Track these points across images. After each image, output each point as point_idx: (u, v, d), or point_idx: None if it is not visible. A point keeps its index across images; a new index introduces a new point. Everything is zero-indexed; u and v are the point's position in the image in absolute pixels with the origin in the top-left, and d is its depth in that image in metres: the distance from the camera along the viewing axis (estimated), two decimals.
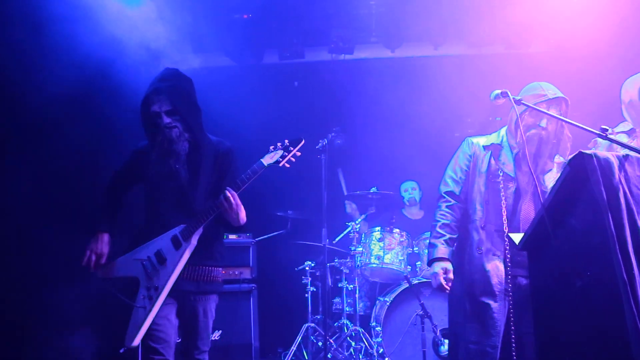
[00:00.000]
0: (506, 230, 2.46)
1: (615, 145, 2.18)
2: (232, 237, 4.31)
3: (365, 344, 4.22)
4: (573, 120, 2.19)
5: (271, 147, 2.55)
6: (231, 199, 2.34)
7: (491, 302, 2.43)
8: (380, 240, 4.36)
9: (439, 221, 2.63)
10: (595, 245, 1.78)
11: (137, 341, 2.32)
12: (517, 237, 2.20)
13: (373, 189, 4.68)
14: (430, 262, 2.60)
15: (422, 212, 5.20)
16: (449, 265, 2.54)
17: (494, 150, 2.64)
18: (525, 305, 2.38)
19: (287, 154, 2.50)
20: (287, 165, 2.49)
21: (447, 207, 2.63)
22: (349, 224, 4.61)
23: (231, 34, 5.27)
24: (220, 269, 2.61)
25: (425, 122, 5.06)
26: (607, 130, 1.97)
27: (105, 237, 2.60)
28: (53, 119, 4.10)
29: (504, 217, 2.48)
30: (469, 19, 4.99)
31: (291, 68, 5.65)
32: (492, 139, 2.71)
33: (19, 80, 3.89)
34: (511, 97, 2.31)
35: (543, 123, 2.51)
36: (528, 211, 2.53)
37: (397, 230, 4.44)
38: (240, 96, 5.31)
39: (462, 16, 4.92)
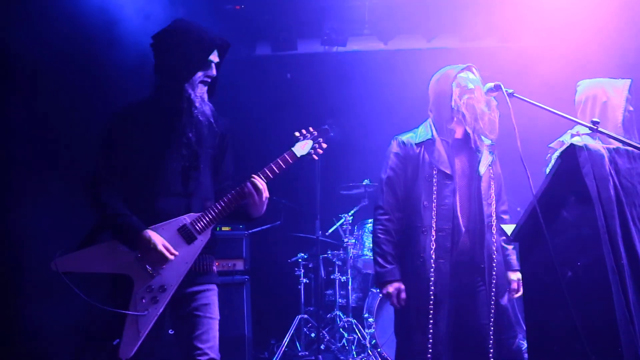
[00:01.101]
0: (432, 232, 2.45)
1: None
2: (225, 228, 4.30)
3: (358, 335, 4.26)
4: (564, 113, 2.20)
5: (297, 135, 2.41)
6: (262, 189, 2.14)
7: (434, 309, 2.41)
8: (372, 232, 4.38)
9: (380, 237, 2.54)
10: (585, 236, 1.81)
11: (134, 351, 1.98)
12: (509, 229, 2.23)
13: (366, 181, 4.70)
14: (381, 284, 2.54)
15: None
16: (401, 285, 2.50)
17: (427, 146, 2.56)
18: (472, 308, 2.44)
19: (316, 145, 2.42)
20: (316, 158, 2.41)
21: (386, 220, 2.55)
22: (342, 215, 4.63)
23: (223, 25, 5.23)
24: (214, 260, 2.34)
25: (418, 114, 5.06)
26: (598, 123, 1.99)
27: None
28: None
29: (433, 216, 2.45)
30: (461, 12, 4.99)
31: (284, 60, 5.64)
32: (422, 134, 2.62)
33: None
34: (504, 90, 2.31)
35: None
36: (469, 207, 2.50)
37: None
38: (232, 87, 5.29)
39: (455, 9, 4.93)
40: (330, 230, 4.73)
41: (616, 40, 4.57)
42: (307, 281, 4.66)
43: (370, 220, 4.49)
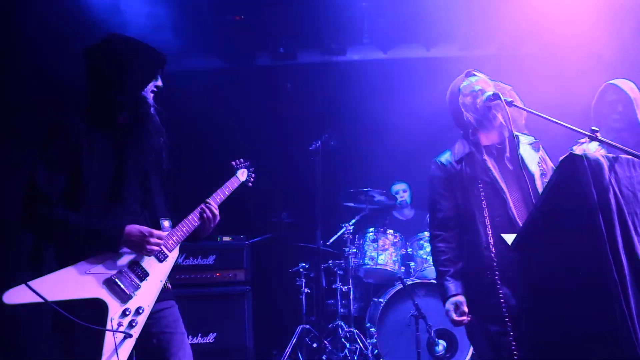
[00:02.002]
0: (491, 247, 2.33)
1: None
2: (226, 239, 4.29)
3: (360, 345, 4.23)
4: (562, 121, 2.20)
5: (234, 164, 2.64)
6: (215, 211, 2.25)
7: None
8: (374, 241, 4.37)
9: (438, 259, 2.47)
10: (586, 246, 1.80)
11: None
12: (510, 238, 2.22)
13: (366, 190, 4.69)
14: (444, 302, 2.45)
15: (412, 212, 5.22)
16: (460, 298, 2.39)
17: (467, 161, 2.49)
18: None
19: (249, 173, 2.67)
20: (250, 185, 2.66)
21: (440, 241, 2.49)
22: (343, 225, 4.62)
23: (223, 35, 5.27)
24: None
25: (418, 123, 5.08)
26: (597, 131, 1.99)
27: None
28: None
29: (488, 230, 2.34)
30: (460, 20, 5.02)
31: (284, 70, 5.66)
32: (459, 150, 2.56)
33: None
34: (502, 98, 2.32)
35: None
36: (528, 211, 2.35)
37: (391, 231, 4.46)
38: (233, 98, 5.31)
39: (454, 18, 4.94)
40: (331, 240, 4.72)
41: (615, 47, 4.58)
42: (309, 291, 4.64)
43: (371, 229, 4.48)
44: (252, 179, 2.69)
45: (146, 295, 2.01)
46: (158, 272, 2.06)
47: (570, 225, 1.91)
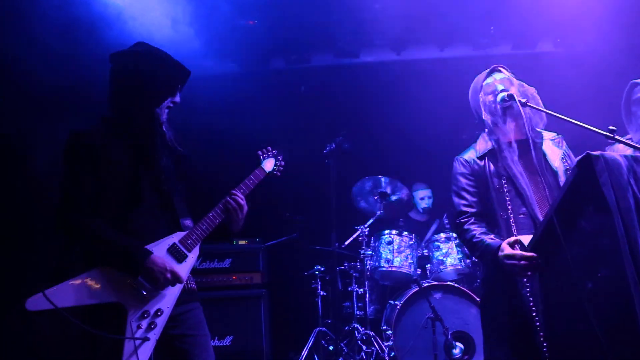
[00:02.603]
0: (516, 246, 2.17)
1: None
2: (242, 242, 4.32)
3: (376, 347, 4.22)
4: (579, 120, 2.17)
5: (260, 153, 2.57)
6: (242, 204, 2.22)
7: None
8: (389, 243, 4.36)
9: (472, 235, 2.34)
10: (605, 247, 1.77)
11: None
12: (526, 240, 2.19)
13: (382, 190, 4.68)
14: (487, 257, 2.26)
15: (427, 215, 5.19)
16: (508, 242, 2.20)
17: (490, 157, 2.45)
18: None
19: (278, 162, 2.57)
20: (279, 174, 2.56)
21: (469, 224, 2.39)
22: (358, 227, 4.61)
23: (237, 40, 5.31)
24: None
25: (433, 124, 5.06)
26: (614, 131, 1.96)
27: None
28: None
29: (513, 228, 2.26)
30: (473, 19, 4.98)
31: (297, 73, 5.68)
32: (481, 147, 2.51)
33: None
34: (517, 99, 2.30)
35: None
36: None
37: (406, 232, 4.44)
38: (247, 102, 5.35)
39: (467, 17, 4.92)
40: (346, 242, 4.72)
41: (630, 48, 4.51)
42: (325, 294, 4.64)
43: (387, 231, 4.46)
44: (281, 168, 2.58)
45: (167, 297, 2.01)
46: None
47: (587, 226, 1.89)
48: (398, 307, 4.07)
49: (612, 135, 1.97)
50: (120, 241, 1.96)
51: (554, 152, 2.41)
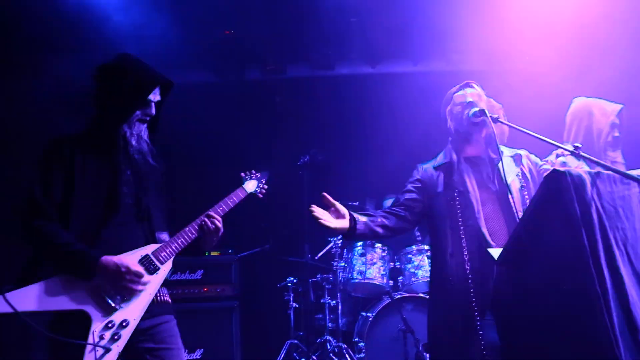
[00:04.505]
0: (466, 258, 2.35)
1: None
2: (215, 253, 4.28)
3: (348, 359, 4.20)
4: (547, 136, 2.23)
5: (243, 175, 2.59)
6: (218, 224, 2.21)
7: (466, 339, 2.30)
8: (362, 255, 4.37)
9: (375, 213, 2.52)
10: (570, 260, 1.82)
11: None
12: (495, 253, 2.23)
13: (354, 204, 4.70)
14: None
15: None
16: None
17: (445, 169, 2.55)
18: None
19: (260, 184, 2.60)
20: (261, 196, 2.59)
21: (385, 211, 2.56)
22: (331, 239, 4.61)
23: (213, 49, 5.30)
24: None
25: (406, 137, 5.12)
26: (579, 147, 2.02)
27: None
28: None
29: (461, 239, 2.36)
30: (447, 35, 5.09)
31: (273, 83, 5.69)
32: (440, 158, 2.63)
33: None
34: (488, 115, 2.35)
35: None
36: (501, 223, 2.39)
37: (379, 245, 4.46)
38: (222, 111, 5.32)
39: (441, 33, 5.02)
40: (319, 254, 4.71)
41: (605, 61, 4.68)
42: (297, 305, 4.61)
43: (360, 243, 4.47)
44: (263, 191, 2.62)
45: (133, 308, 1.97)
46: (148, 285, 2.03)
47: (554, 240, 1.93)
48: (370, 319, 4.07)
49: (577, 152, 2.03)
50: (74, 245, 1.92)
51: (511, 169, 2.49)
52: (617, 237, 1.82)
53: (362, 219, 2.45)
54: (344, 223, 2.39)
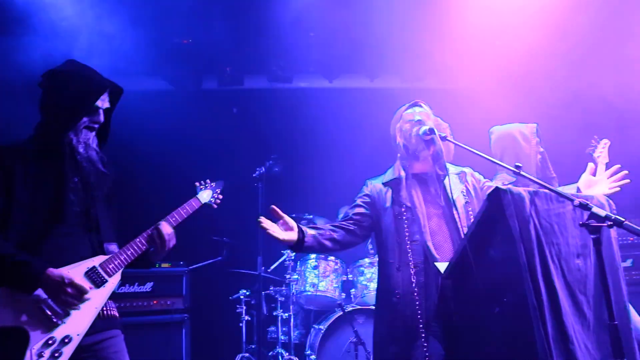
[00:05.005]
0: (412, 271, 2.41)
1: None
2: (165, 265, 4.18)
3: None
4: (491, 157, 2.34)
5: (198, 184, 2.57)
6: (166, 237, 2.16)
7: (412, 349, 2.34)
8: (315, 267, 4.39)
9: (323, 227, 2.56)
10: (510, 274, 1.91)
11: None
12: (442, 267, 2.31)
13: (308, 216, 4.73)
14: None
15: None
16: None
17: (393, 185, 2.61)
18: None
19: (215, 195, 2.58)
20: (215, 207, 2.57)
21: (334, 225, 2.58)
22: (284, 251, 4.61)
23: (170, 58, 5.24)
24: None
25: (362, 151, 5.21)
26: (520, 167, 2.13)
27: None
28: None
29: (407, 253, 2.43)
30: (403, 54, 5.25)
31: (230, 94, 5.68)
32: (389, 174, 2.69)
33: None
34: (437, 133, 2.45)
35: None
36: (446, 238, 2.47)
37: (332, 257, 4.49)
38: (178, 120, 5.25)
39: (397, 51, 5.17)
40: (272, 267, 4.70)
41: (549, 82, 4.95)
42: (249, 318, 4.56)
43: (313, 256, 4.49)
44: (218, 201, 2.60)
45: (76, 323, 1.89)
46: (93, 299, 1.95)
47: (496, 255, 2.03)
48: (322, 331, 4.09)
49: (518, 171, 2.14)
50: (17, 256, 1.84)
51: (456, 186, 2.59)
52: (553, 251, 1.94)
53: (310, 232, 2.48)
54: (292, 235, 2.41)
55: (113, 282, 2.03)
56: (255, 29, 5.01)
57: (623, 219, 1.80)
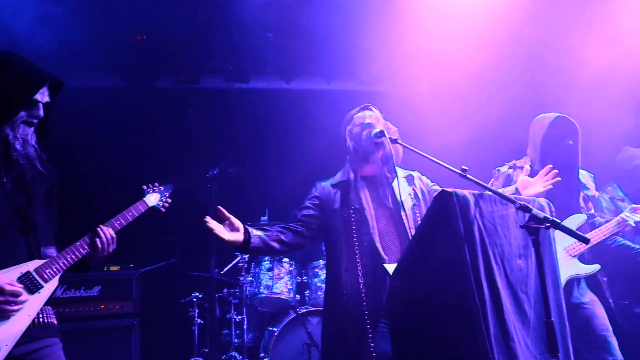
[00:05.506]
0: (359, 272, 2.43)
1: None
2: (114, 268, 4.05)
3: None
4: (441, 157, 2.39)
5: (145, 187, 2.51)
6: (104, 240, 2.09)
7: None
8: (269, 269, 4.36)
9: (270, 228, 2.55)
10: (454, 274, 1.95)
11: None
12: (391, 268, 2.34)
13: (263, 218, 4.70)
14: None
15: None
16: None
17: (342, 187, 2.64)
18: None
19: (163, 198, 2.52)
20: (163, 210, 2.52)
21: (281, 227, 2.59)
22: (238, 253, 4.55)
23: (123, 54, 5.09)
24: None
25: (317, 152, 5.22)
26: (466, 170, 2.18)
27: None
28: None
29: (355, 254, 2.45)
30: (359, 57, 5.31)
31: (186, 93, 5.57)
32: (338, 176, 2.72)
33: None
34: (387, 136, 2.48)
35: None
36: (394, 240, 2.51)
37: (286, 259, 4.47)
38: (131, 118, 5.11)
39: (353, 54, 5.22)
40: (226, 269, 4.63)
41: (500, 87, 5.11)
42: (202, 322, 4.47)
43: (267, 258, 4.45)
44: (166, 204, 2.54)
45: (6, 332, 1.81)
46: (27, 306, 1.87)
47: (442, 256, 2.07)
48: (276, 333, 4.06)
49: (464, 174, 2.19)
50: None
51: (404, 188, 2.64)
52: (496, 252, 2.00)
53: (256, 232, 2.46)
54: (238, 236, 2.38)
55: (49, 288, 1.95)
56: (213, 27, 4.94)
57: (559, 221, 1.89)
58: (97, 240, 2.09)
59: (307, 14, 4.64)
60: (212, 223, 2.32)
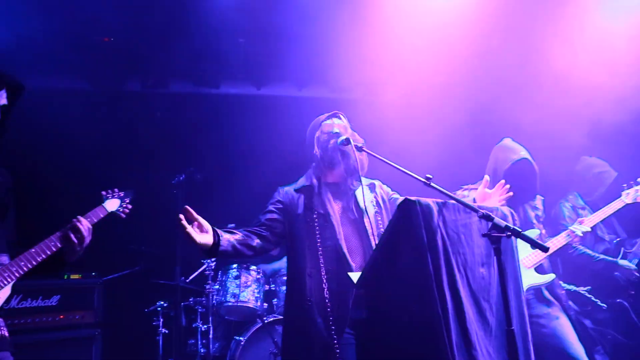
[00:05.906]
0: (324, 277, 2.42)
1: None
2: (75, 276, 3.91)
3: None
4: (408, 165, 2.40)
5: (104, 193, 2.48)
6: (84, 232, 2.09)
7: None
8: (236, 277, 4.29)
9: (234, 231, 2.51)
10: (417, 283, 1.95)
11: None
12: (355, 277, 2.32)
13: (231, 225, 4.62)
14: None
15: (277, 249, 5.22)
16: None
17: (306, 192, 2.64)
18: None
19: (123, 204, 2.51)
20: (124, 216, 2.50)
21: (245, 230, 2.57)
22: (205, 261, 4.47)
23: (89, 56, 4.96)
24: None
25: (287, 159, 5.18)
26: (431, 178, 2.19)
27: None
28: None
29: (319, 259, 2.44)
30: (331, 65, 5.31)
31: (154, 98, 5.46)
32: (302, 181, 2.72)
33: None
34: (352, 143, 2.48)
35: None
36: (359, 245, 2.52)
37: (254, 267, 4.42)
38: (97, 122, 4.98)
39: (325, 62, 5.22)
40: (192, 277, 4.53)
41: (473, 97, 5.19)
42: (167, 331, 4.36)
43: (234, 265, 4.38)
44: (126, 210, 2.52)
45: None
46: None
47: (405, 264, 2.06)
48: (242, 343, 4.01)
49: (428, 182, 2.20)
50: None
51: (367, 196, 2.65)
52: (459, 261, 2.01)
53: (225, 235, 2.43)
54: (208, 239, 2.33)
55: (1, 297, 1.86)
56: (183, 31, 4.86)
57: (520, 230, 1.91)
58: (74, 233, 2.06)
59: (279, 20, 4.63)
60: (186, 223, 2.26)
